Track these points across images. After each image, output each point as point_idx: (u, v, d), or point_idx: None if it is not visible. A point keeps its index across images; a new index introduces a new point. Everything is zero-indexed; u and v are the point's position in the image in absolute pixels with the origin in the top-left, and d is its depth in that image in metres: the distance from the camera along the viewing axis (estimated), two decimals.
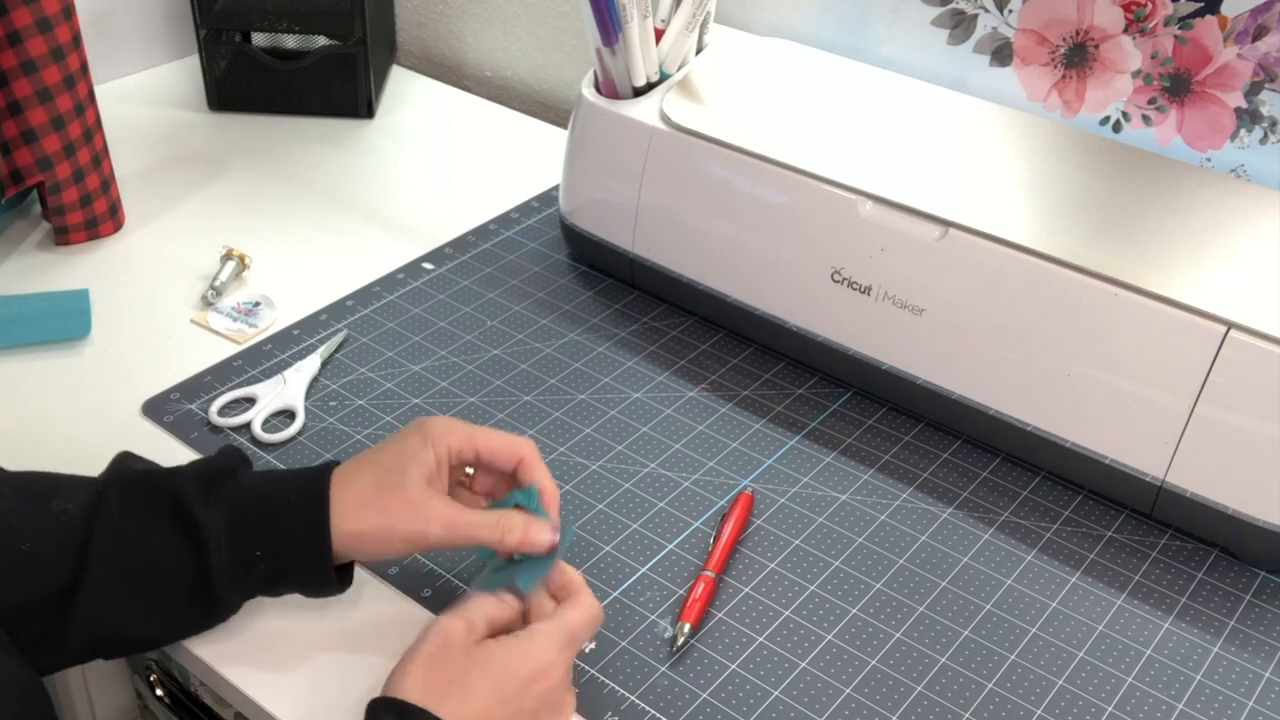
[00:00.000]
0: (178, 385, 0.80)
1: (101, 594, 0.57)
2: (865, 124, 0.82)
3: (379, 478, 0.60)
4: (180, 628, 0.62)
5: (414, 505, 0.59)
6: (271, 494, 0.60)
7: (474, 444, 0.61)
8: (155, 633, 0.61)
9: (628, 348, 0.85)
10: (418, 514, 0.59)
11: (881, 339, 0.76)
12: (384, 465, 0.60)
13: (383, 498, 0.59)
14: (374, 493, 0.59)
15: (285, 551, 0.59)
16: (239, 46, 1.12)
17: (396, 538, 0.59)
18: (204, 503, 0.58)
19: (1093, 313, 0.68)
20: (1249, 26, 0.77)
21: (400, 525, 0.59)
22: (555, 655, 0.56)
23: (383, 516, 0.59)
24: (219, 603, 0.60)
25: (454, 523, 0.59)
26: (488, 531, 0.59)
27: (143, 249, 0.94)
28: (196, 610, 0.60)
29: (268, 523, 0.59)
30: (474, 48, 1.23)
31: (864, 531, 0.71)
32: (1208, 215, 0.73)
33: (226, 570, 0.58)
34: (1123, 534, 0.72)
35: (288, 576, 0.60)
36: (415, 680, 0.53)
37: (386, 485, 0.59)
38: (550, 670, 0.56)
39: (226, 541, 0.58)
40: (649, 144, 0.82)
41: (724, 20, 0.99)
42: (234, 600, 0.61)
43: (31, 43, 0.84)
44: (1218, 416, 0.66)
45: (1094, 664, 0.64)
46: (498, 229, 0.97)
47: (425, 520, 0.59)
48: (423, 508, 0.59)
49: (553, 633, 0.57)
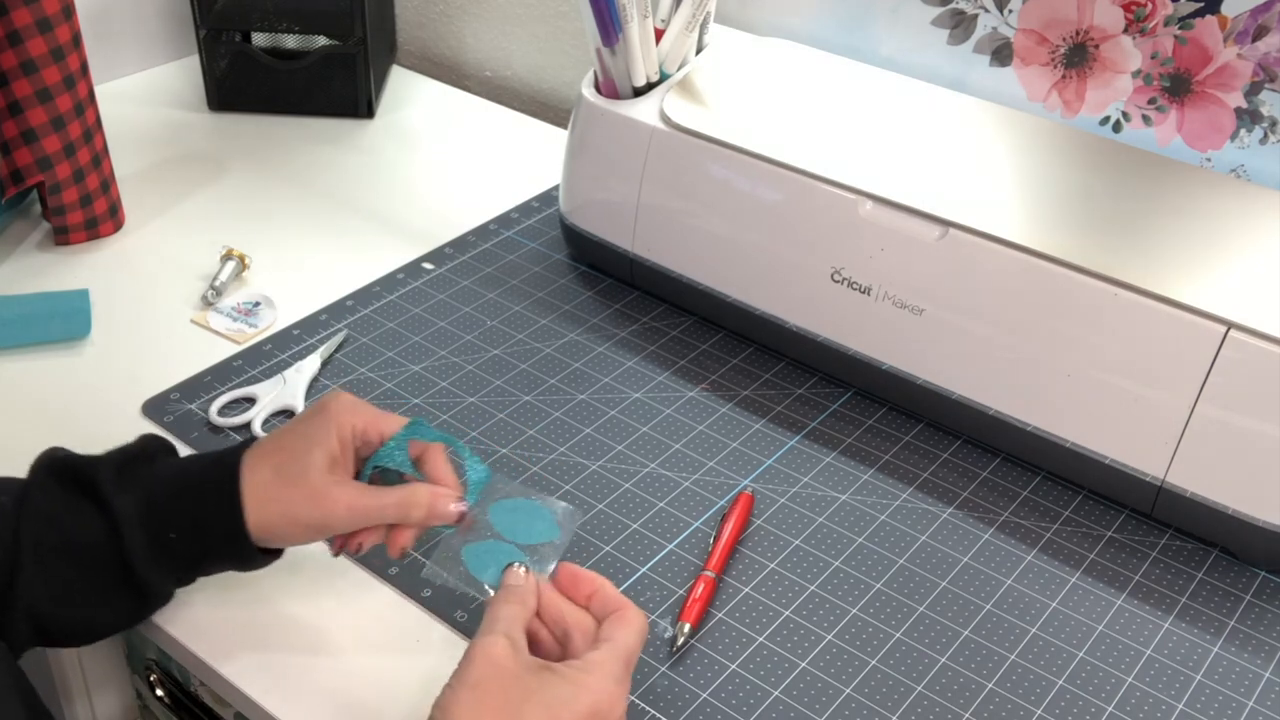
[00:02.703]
0: (178, 385, 0.80)
1: (35, 579, 0.57)
2: (865, 124, 0.82)
3: (280, 467, 0.59)
4: (118, 613, 0.61)
5: (315, 494, 0.58)
6: (183, 476, 0.60)
7: (378, 428, 0.61)
8: (94, 617, 0.61)
9: (628, 348, 0.85)
10: (319, 503, 0.58)
11: (881, 339, 0.76)
12: (287, 451, 0.60)
13: (285, 490, 0.59)
14: (276, 485, 0.59)
15: (200, 532, 0.59)
16: (239, 46, 1.12)
17: (300, 526, 0.59)
18: (118, 487, 0.59)
19: (1093, 313, 0.68)
20: (1249, 26, 0.77)
21: (303, 515, 0.59)
22: (614, 688, 0.52)
23: (285, 507, 0.59)
24: (145, 586, 0.60)
25: (355, 507, 0.59)
26: (393, 511, 0.59)
27: (143, 249, 0.94)
28: (126, 594, 0.60)
29: (180, 504, 0.59)
30: (474, 48, 1.23)
31: (864, 531, 0.71)
32: (1208, 215, 0.73)
33: (142, 552, 0.58)
34: (1123, 534, 0.72)
35: (211, 557, 0.60)
36: (464, 709, 0.50)
37: (288, 476, 0.59)
38: (612, 706, 0.52)
39: (139, 523, 0.58)
40: (649, 144, 0.82)
41: (724, 20, 0.99)
42: (159, 582, 0.60)
43: (31, 43, 0.84)
44: (1218, 416, 0.66)
45: (1094, 664, 0.64)
46: (498, 229, 0.97)
47: (327, 508, 0.58)
48: (324, 496, 0.58)
49: (610, 663, 0.53)
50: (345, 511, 0.59)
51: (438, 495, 0.60)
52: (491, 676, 0.51)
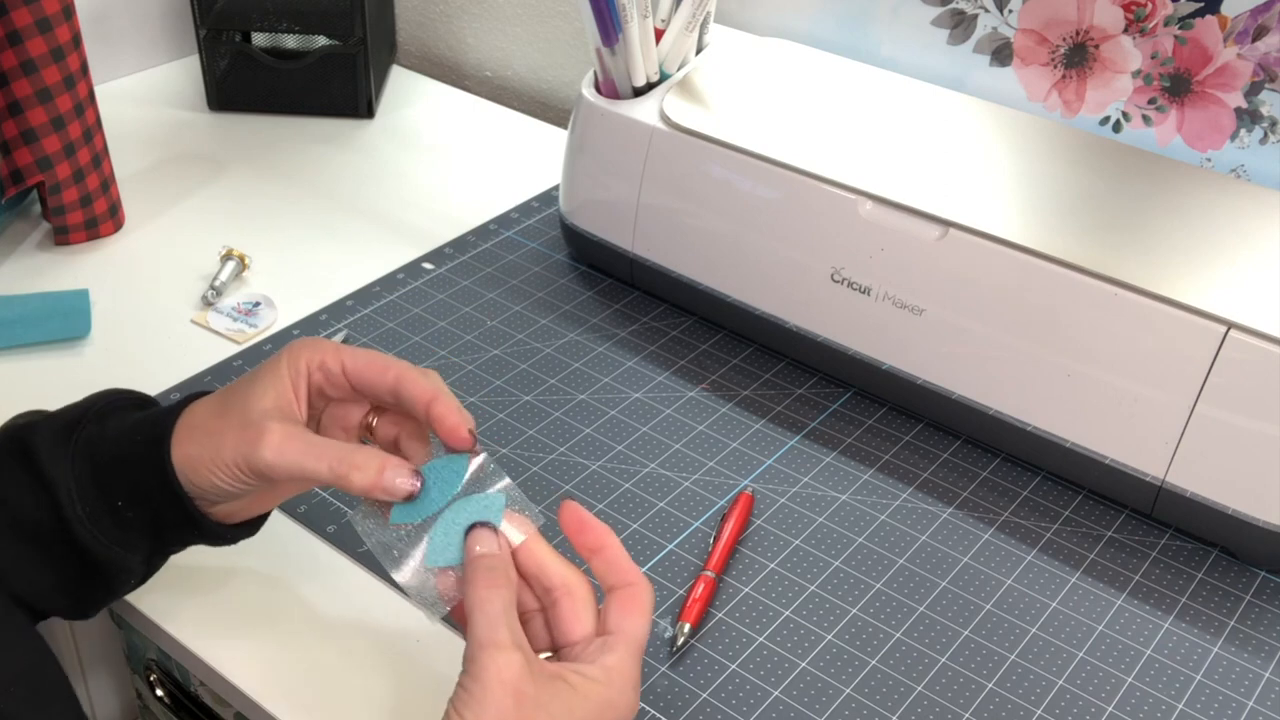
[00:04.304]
0: (178, 385, 0.80)
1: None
2: (865, 124, 0.82)
3: (223, 399, 0.52)
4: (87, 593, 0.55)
5: (246, 426, 0.50)
6: (123, 437, 0.53)
7: (339, 357, 0.53)
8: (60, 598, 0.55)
9: (628, 348, 0.85)
10: (246, 434, 0.50)
11: (881, 339, 0.76)
12: (233, 389, 0.53)
13: (216, 422, 0.51)
14: (213, 415, 0.52)
15: (143, 498, 0.52)
16: (239, 46, 1.12)
17: (222, 463, 0.51)
18: (53, 456, 0.52)
19: (1093, 313, 0.68)
20: (1249, 26, 0.77)
21: (228, 449, 0.50)
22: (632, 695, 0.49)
23: (210, 437, 0.51)
24: (106, 564, 0.53)
25: (285, 449, 0.50)
26: (326, 466, 0.50)
27: (143, 249, 0.94)
28: (85, 574, 0.54)
29: (119, 470, 0.52)
30: (474, 48, 1.23)
31: (864, 531, 0.71)
32: (1208, 215, 0.73)
33: (88, 525, 0.52)
34: (1123, 534, 0.72)
35: (169, 524, 0.54)
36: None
37: (227, 406, 0.52)
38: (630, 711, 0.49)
39: (79, 495, 0.52)
40: (649, 144, 0.82)
41: (724, 20, 0.99)
42: (120, 557, 0.54)
43: (31, 43, 0.84)
44: (1218, 416, 0.66)
45: (1094, 664, 0.64)
46: (498, 229, 0.97)
47: (253, 441, 0.50)
48: (255, 428, 0.50)
49: (628, 668, 0.49)
50: (273, 452, 0.50)
51: (390, 462, 0.51)
52: (510, 710, 0.46)
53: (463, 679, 0.47)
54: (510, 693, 0.46)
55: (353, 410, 0.56)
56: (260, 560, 0.67)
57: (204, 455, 0.51)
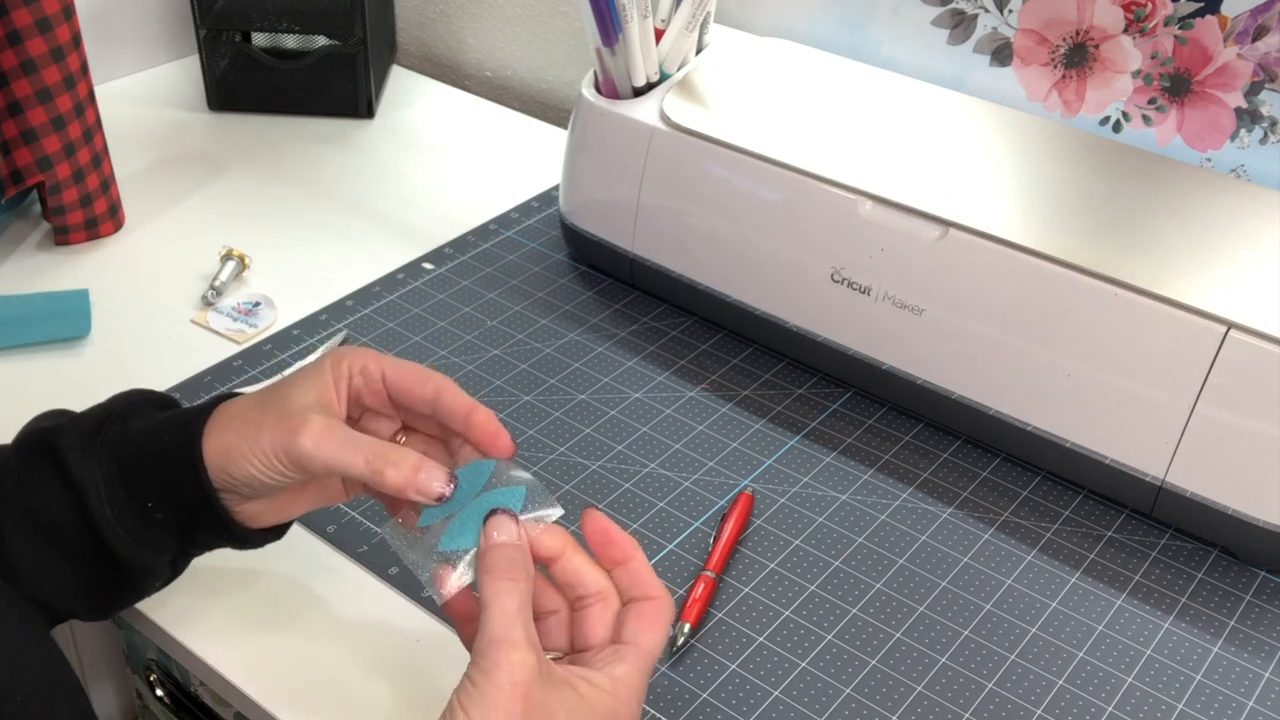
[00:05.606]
0: (178, 385, 0.80)
1: (19, 559, 0.53)
2: (865, 124, 0.82)
3: (262, 394, 0.53)
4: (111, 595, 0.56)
5: (286, 416, 0.51)
6: (151, 437, 0.53)
7: (380, 364, 0.54)
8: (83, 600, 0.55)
9: (628, 348, 0.85)
10: (286, 423, 0.50)
11: (881, 339, 0.76)
12: (275, 386, 0.53)
13: (257, 411, 0.52)
14: (252, 407, 0.52)
15: (173, 497, 0.53)
16: (239, 46, 1.12)
17: (260, 451, 0.51)
18: (81, 457, 0.53)
19: (1093, 313, 0.68)
20: (1249, 26, 0.77)
21: (265, 436, 0.51)
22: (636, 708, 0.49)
23: (249, 426, 0.51)
24: (132, 566, 0.53)
25: (323, 440, 0.50)
26: (363, 459, 0.50)
27: (143, 249, 0.94)
28: (110, 576, 0.54)
29: (147, 469, 0.53)
30: (474, 48, 1.23)
31: (864, 531, 0.71)
32: (1208, 215, 0.73)
33: (117, 527, 0.52)
34: (1123, 534, 0.72)
35: (198, 525, 0.54)
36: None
37: (267, 400, 0.52)
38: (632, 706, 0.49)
39: (108, 497, 0.52)
40: (649, 144, 0.82)
41: (724, 20, 0.99)
42: (147, 559, 0.54)
43: (31, 43, 0.84)
44: (1218, 416, 0.66)
45: (1094, 664, 0.64)
46: (498, 229, 0.97)
47: (293, 431, 0.50)
48: (296, 418, 0.51)
49: (638, 681, 0.49)
50: (312, 441, 0.50)
51: (427, 463, 0.51)
52: (517, 713, 0.45)
53: (472, 673, 0.46)
54: (520, 695, 0.45)
55: (384, 426, 0.57)
56: (260, 560, 0.67)
57: (242, 443, 0.51)
